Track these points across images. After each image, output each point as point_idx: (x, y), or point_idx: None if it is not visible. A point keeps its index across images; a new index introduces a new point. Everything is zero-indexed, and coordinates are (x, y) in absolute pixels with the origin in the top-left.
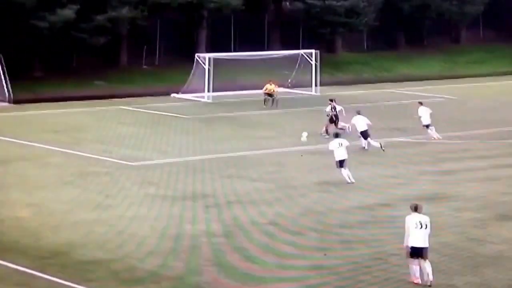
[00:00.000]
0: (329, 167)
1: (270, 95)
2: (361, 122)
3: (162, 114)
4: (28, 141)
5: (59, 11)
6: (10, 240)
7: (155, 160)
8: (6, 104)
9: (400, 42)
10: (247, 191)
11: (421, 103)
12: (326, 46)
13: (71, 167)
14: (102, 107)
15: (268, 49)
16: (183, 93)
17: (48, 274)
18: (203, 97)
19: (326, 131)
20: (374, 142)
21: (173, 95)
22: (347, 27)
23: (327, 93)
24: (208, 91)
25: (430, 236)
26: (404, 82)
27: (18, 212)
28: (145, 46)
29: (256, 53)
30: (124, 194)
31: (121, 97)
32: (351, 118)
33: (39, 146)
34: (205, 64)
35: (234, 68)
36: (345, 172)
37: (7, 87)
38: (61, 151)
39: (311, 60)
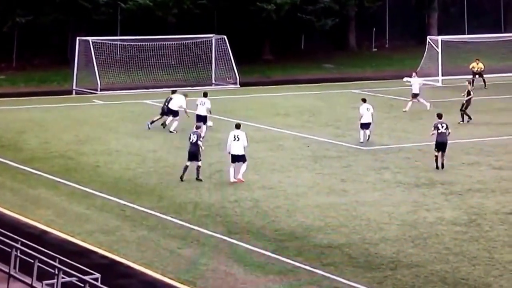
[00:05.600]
0: None
1: (478, 74)
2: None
3: (394, 98)
4: (259, 124)
5: None
6: (246, 221)
7: (389, 145)
8: (236, 86)
9: None
10: (488, 179)
11: None
12: None
13: (304, 150)
14: (332, 90)
15: (505, 32)
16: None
17: (285, 257)
18: (436, 81)
19: None
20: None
21: (405, 79)
22: None
23: None
24: (442, 75)
25: None
26: None
27: (254, 193)
28: (374, 29)
29: (492, 35)
30: (359, 179)
31: (351, 81)
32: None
33: (270, 129)
34: (437, 48)
35: (468, 51)
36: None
37: (235, 69)
38: (293, 134)
39: None
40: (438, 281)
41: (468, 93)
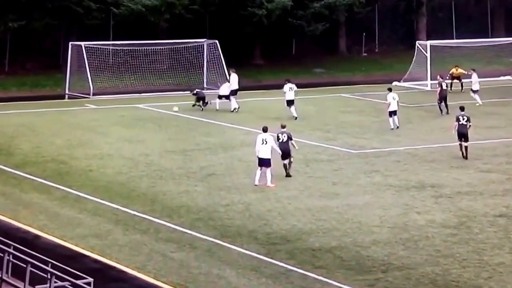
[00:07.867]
0: None
1: (457, 78)
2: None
3: (384, 103)
4: (251, 128)
5: None
6: (238, 224)
7: (380, 148)
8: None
9: None
10: (476, 182)
11: None
12: None
13: (295, 154)
14: (323, 95)
15: (492, 37)
16: (404, 81)
17: (277, 260)
18: (425, 85)
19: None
20: None
21: (395, 83)
22: None
23: None
24: (431, 79)
25: None
26: None
27: (245, 197)
28: (364, 34)
29: (479, 40)
30: (350, 182)
31: (342, 85)
32: None
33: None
34: (426, 52)
35: (455, 56)
36: None
37: (227, 74)
38: None
39: None
40: (429, 283)
41: (440, 86)
